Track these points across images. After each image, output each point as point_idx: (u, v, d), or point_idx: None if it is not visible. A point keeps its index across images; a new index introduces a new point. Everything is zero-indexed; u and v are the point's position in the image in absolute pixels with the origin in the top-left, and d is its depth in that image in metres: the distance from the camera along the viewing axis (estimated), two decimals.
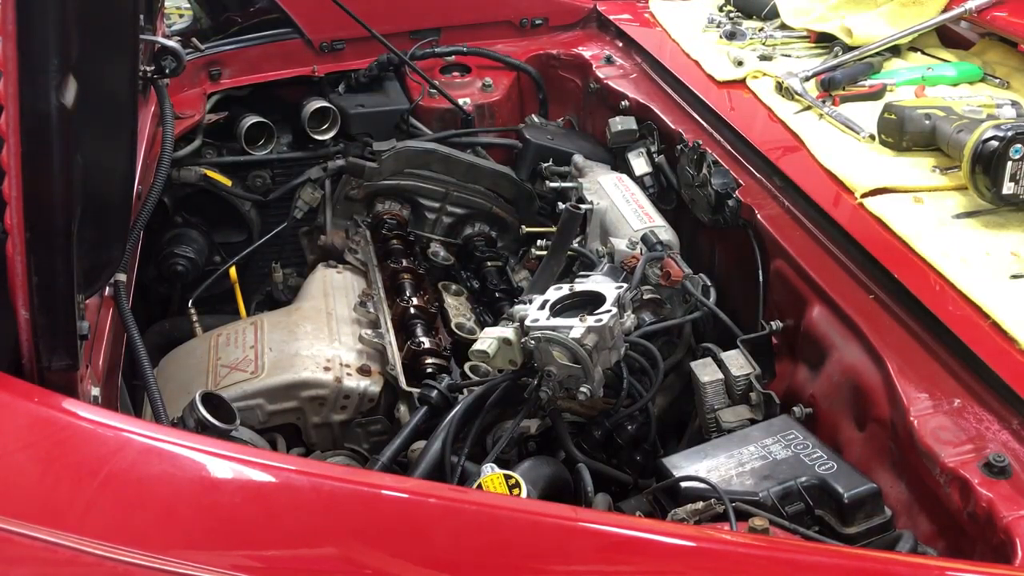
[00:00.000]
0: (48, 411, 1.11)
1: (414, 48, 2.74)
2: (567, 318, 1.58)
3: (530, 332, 1.56)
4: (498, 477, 1.41)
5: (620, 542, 1.09)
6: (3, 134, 1.00)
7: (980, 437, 1.34)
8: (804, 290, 1.72)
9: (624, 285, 1.70)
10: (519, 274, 2.42)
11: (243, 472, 1.10)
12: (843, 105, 2.16)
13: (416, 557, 1.06)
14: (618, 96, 2.50)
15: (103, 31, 1.24)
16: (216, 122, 2.55)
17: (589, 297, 1.65)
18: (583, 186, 2.26)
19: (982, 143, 1.70)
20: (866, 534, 1.34)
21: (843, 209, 1.81)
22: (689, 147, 2.12)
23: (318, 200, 2.61)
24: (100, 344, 1.47)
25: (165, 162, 1.82)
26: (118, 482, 1.06)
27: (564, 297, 1.65)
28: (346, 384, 1.84)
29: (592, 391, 1.52)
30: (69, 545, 1.01)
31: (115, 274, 1.56)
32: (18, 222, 1.04)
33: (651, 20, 2.83)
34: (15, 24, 0.95)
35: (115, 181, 1.39)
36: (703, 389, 1.67)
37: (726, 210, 1.96)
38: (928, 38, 2.46)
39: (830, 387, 1.59)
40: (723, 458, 1.44)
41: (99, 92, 1.21)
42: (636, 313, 1.77)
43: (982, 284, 1.56)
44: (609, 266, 2.00)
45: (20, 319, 1.11)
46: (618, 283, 1.75)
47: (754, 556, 1.11)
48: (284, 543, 1.07)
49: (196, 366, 1.92)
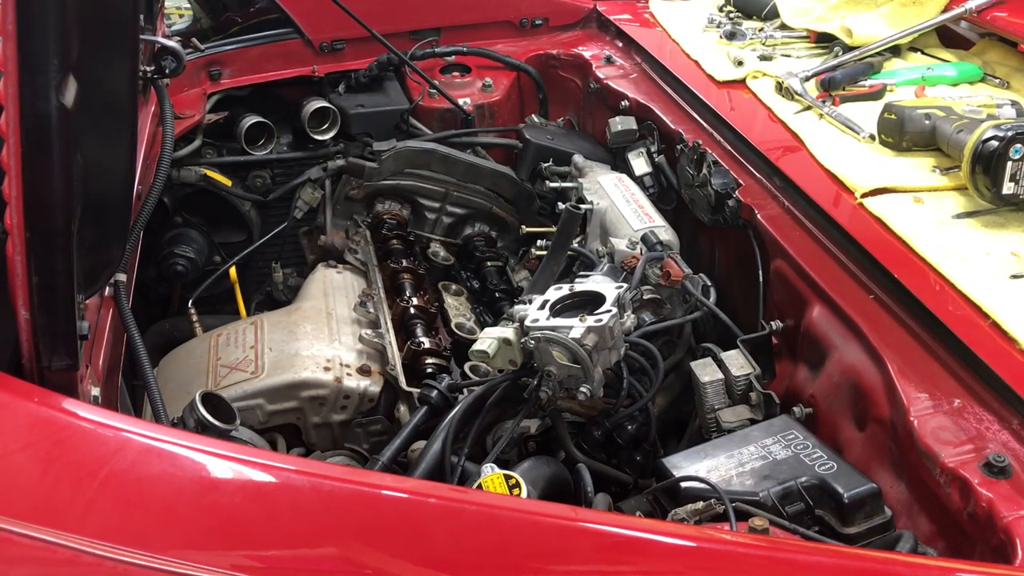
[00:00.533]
0: (48, 411, 1.11)
1: (414, 48, 2.74)
2: (567, 318, 1.58)
3: (530, 332, 1.57)
4: (498, 477, 1.41)
5: (620, 542, 1.09)
6: (3, 134, 1.00)
7: (980, 437, 1.34)
8: (804, 290, 1.72)
9: (624, 285, 1.70)
10: (519, 274, 2.42)
11: (243, 472, 1.10)
12: (843, 105, 2.16)
13: (416, 557, 1.06)
14: (618, 96, 2.50)
15: (103, 31, 1.24)
16: (216, 122, 2.55)
17: (589, 297, 1.65)
18: (583, 186, 2.26)
19: (982, 143, 1.70)
20: (866, 534, 1.34)
21: (843, 209, 1.81)
22: (689, 147, 2.12)
23: (318, 200, 2.60)
24: (100, 344, 1.47)
25: (165, 162, 1.82)
26: (118, 482, 1.06)
27: (564, 297, 1.65)
28: (346, 384, 1.84)
29: (592, 391, 1.52)
30: (69, 545, 1.01)
31: (115, 274, 1.56)
32: (18, 222, 1.04)
33: (651, 20, 2.83)
34: (15, 24, 0.95)
35: (115, 181, 1.39)
36: (703, 389, 1.67)
37: (726, 210, 1.96)
38: (928, 38, 2.46)
39: (830, 387, 1.59)
40: (723, 458, 1.44)
41: (99, 92, 1.21)
42: (636, 313, 1.77)
43: (982, 284, 1.56)
44: (609, 266, 2.00)
45: (20, 319, 1.11)
46: (618, 283, 1.75)
47: (754, 556, 1.11)
48: (284, 543, 1.07)
49: (196, 366, 1.92)
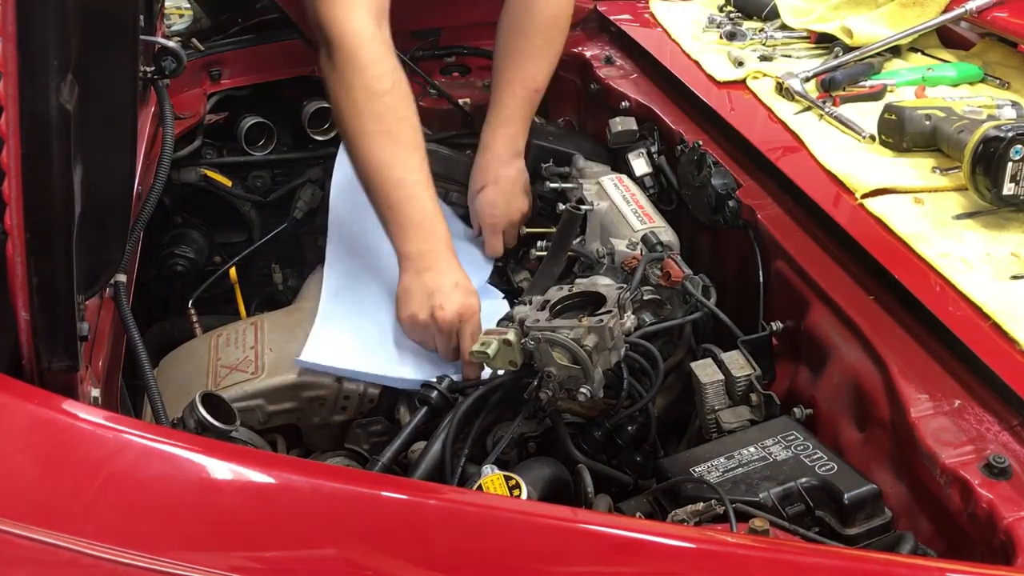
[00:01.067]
0: (48, 412, 1.11)
1: (414, 49, 2.74)
2: (567, 319, 1.58)
3: (530, 333, 1.57)
4: (498, 478, 1.41)
5: (620, 543, 1.09)
6: (3, 134, 1.00)
7: (980, 438, 1.34)
8: (804, 291, 1.72)
9: (624, 286, 1.70)
10: (519, 274, 2.42)
11: (243, 473, 1.10)
12: (843, 105, 2.16)
13: (416, 558, 1.06)
14: (618, 96, 2.50)
15: (103, 32, 1.24)
16: (216, 122, 2.55)
17: (589, 298, 1.65)
18: (583, 187, 2.26)
19: (982, 143, 1.70)
20: (867, 535, 1.34)
21: (843, 209, 1.81)
22: (689, 147, 2.12)
23: (318, 200, 2.60)
24: (100, 345, 1.47)
25: (165, 162, 1.82)
26: (118, 483, 1.07)
27: (564, 298, 1.65)
28: (346, 385, 1.84)
29: (592, 392, 1.52)
30: (69, 546, 1.01)
31: (115, 275, 1.56)
32: (18, 223, 1.04)
33: (651, 20, 2.83)
34: (15, 25, 0.95)
35: (115, 181, 1.39)
36: (703, 390, 1.67)
37: (726, 210, 1.96)
38: (928, 38, 2.46)
39: (830, 388, 1.59)
40: (723, 459, 1.44)
41: (99, 92, 1.21)
42: (636, 314, 1.77)
43: (982, 285, 1.56)
44: (609, 267, 2.01)
45: (20, 320, 1.11)
46: (619, 284, 1.75)
47: (755, 557, 1.11)
48: (284, 544, 1.07)
49: (196, 367, 1.92)
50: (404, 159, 1.88)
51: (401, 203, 1.86)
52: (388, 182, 1.87)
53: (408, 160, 1.88)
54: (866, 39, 2.37)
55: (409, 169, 1.88)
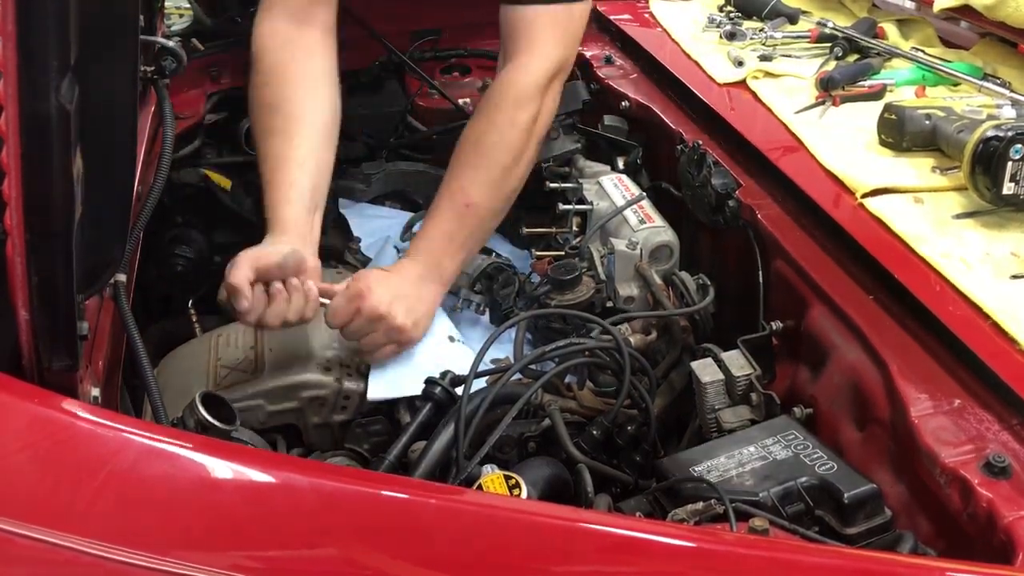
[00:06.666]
0: (48, 411, 1.11)
1: (413, 48, 2.73)
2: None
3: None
4: (498, 477, 1.41)
5: (620, 543, 1.10)
6: (3, 134, 1.00)
7: (980, 437, 1.34)
8: (804, 290, 1.72)
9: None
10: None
11: (243, 473, 1.10)
12: (843, 105, 2.16)
13: (416, 558, 1.06)
14: (619, 97, 2.50)
15: (103, 32, 1.24)
16: (216, 122, 2.55)
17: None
18: (583, 186, 2.26)
19: (982, 143, 1.70)
20: (866, 535, 1.34)
21: (843, 209, 1.81)
22: (689, 147, 2.12)
23: None
24: (100, 344, 1.47)
25: (165, 162, 1.82)
26: (118, 483, 1.06)
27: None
28: (346, 385, 1.84)
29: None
30: (69, 546, 1.01)
31: (115, 274, 1.56)
32: (18, 223, 1.04)
33: (651, 20, 2.83)
34: (15, 25, 0.94)
35: (115, 181, 1.39)
36: (704, 389, 1.67)
37: (726, 210, 1.96)
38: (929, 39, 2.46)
39: (830, 388, 1.59)
40: (723, 458, 1.44)
41: (99, 92, 1.21)
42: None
43: (982, 284, 1.56)
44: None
45: (20, 319, 1.11)
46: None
47: (754, 557, 1.11)
48: (284, 543, 1.07)
49: (196, 367, 1.92)
50: (280, 150, 1.93)
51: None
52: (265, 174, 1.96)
53: (284, 152, 1.93)
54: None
55: (282, 159, 1.92)
